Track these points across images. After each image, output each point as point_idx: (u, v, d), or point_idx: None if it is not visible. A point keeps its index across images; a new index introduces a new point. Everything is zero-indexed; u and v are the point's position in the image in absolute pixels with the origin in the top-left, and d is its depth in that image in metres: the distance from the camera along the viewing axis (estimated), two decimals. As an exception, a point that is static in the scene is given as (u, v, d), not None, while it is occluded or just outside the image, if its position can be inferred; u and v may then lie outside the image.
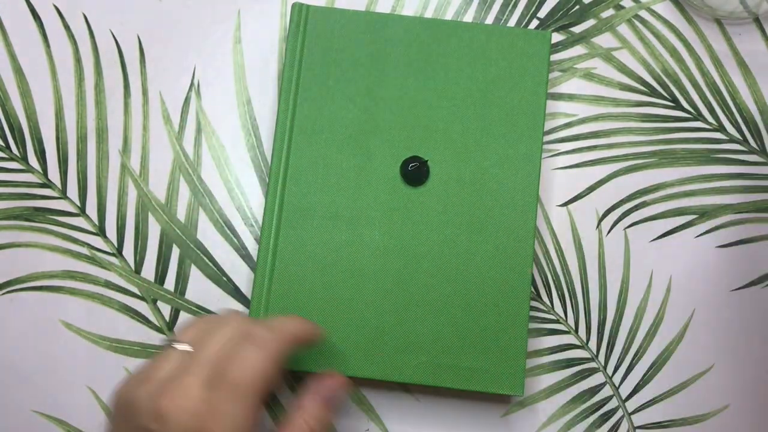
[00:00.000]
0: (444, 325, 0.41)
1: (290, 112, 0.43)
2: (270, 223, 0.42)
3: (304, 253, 0.41)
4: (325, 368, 0.40)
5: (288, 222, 0.42)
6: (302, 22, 0.44)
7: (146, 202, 0.45)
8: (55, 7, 0.47)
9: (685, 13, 0.48)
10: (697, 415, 0.43)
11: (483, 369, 0.40)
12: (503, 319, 0.41)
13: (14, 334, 0.43)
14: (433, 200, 0.42)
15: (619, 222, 0.45)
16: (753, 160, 0.46)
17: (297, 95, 0.43)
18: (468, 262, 0.41)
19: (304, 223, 0.42)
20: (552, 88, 0.46)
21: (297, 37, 0.44)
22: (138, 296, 0.44)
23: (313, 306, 0.41)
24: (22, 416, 0.42)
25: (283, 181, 0.42)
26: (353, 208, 0.42)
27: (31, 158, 0.45)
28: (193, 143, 0.46)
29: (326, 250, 0.42)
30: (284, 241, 0.42)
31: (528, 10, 0.47)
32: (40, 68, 0.46)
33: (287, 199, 0.42)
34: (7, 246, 0.44)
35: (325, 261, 0.41)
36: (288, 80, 0.43)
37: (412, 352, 0.40)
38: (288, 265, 0.41)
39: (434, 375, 0.40)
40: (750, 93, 0.46)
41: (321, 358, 0.40)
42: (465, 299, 0.41)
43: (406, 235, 0.42)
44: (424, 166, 0.42)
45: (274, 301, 0.41)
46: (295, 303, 0.41)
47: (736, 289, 0.44)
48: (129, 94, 0.46)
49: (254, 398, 0.31)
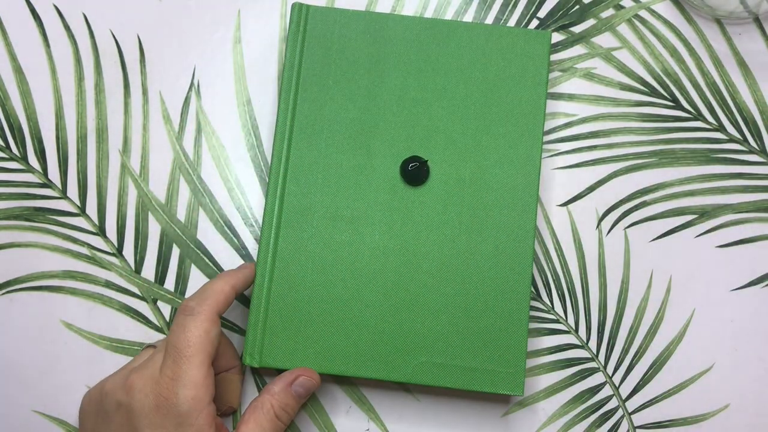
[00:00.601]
0: (444, 325, 0.41)
1: (290, 113, 0.43)
2: (270, 223, 0.42)
3: (304, 253, 0.41)
4: (325, 368, 0.40)
5: (288, 222, 0.42)
6: (302, 22, 0.44)
7: (146, 202, 0.45)
8: (55, 7, 0.47)
9: (685, 13, 0.48)
10: (697, 415, 0.43)
11: (483, 369, 0.40)
12: (503, 319, 0.41)
13: (14, 334, 0.43)
14: (433, 200, 0.42)
15: (619, 222, 0.45)
16: (753, 160, 0.46)
17: (297, 95, 0.43)
18: (468, 262, 0.41)
19: (304, 223, 0.42)
20: (552, 88, 0.46)
21: (297, 37, 0.44)
22: (138, 296, 0.44)
23: (313, 306, 0.41)
24: (22, 416, 0.42)
25: (283, 181, 0.42)
26: (353, 208, 0.42)
27: (31, 158, 0.45)
28: (193, 143, 0.46)
29: (326, 250, 0.42)
30: (284, 241, 0.42)
31: (528, 10, 0.47)
32: (40, 68, 0.46)
33: (287, 199, 0.42)
34: (7, 246, 0.44)
35: (325, 261, 0.41)
36: (288, 80, 0.43)
37: (412, 352, 0.40)
38: (288, 265, 0.41)
39: (434, 375, 0.40)
40: (750, 93, 0.46)
41: (321, 358, 0.40)
42: (465, 299, 0.41)
43: (406, 235, 0.42)
44: (424, 166, 0.42)
45: (274, 301, 0.41)
46: (295, 303, 0.41)
47: (736, 289, 0.44)
48: (129, 94, 0.46)
49: (198, 356, 0.36)
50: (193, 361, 0.36)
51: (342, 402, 0.43)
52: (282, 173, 0.42)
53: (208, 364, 0.36)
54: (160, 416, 0.35)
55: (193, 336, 0.36)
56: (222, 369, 0.41)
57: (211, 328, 0.37)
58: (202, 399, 0.35)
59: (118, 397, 0.36)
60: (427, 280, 0.41)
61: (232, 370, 0.41)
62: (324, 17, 0.44)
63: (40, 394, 0.43)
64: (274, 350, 0.40)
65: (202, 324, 0.36)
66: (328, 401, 0.43)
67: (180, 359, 0.36)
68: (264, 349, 0.40)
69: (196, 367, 0.36)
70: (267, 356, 0.40)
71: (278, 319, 0.41)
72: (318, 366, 0.40)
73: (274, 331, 0.41)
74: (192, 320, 0.37)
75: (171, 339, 0.37)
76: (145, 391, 0.35)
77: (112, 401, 0.36)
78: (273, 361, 0.40)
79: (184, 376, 0.35)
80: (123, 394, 0.36)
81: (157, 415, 0.35)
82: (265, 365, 0.40)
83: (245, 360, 0.40)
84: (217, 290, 0.38)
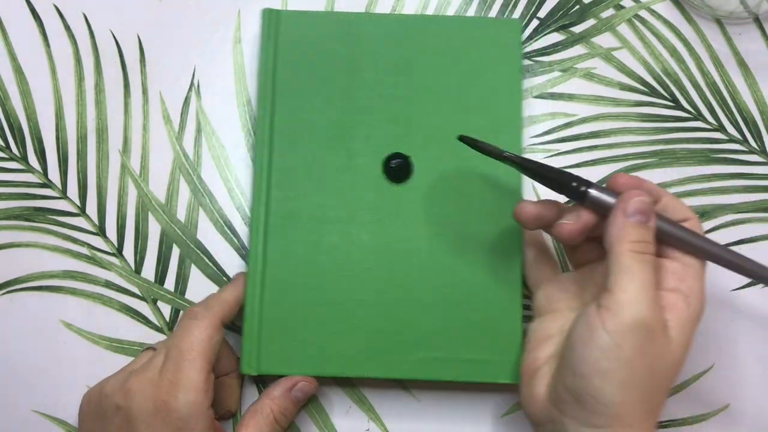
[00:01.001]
0: (438, 319, 0.41)
1: (268, 119, 0.43)
2: (257, 230, 0.41)
3: (294, 258, 0.41)
4: (323, 371, 0.40)
5: (275, 228, 0.42)
6: (274, 28, 0.44)
7: (146, 202, 0.45)
8: (55, 7, 0.47)
9: (685, 13, 0.47)
10: (697, 415, 0.43)
11: (480, 360, 0.40)
12: (497, 309, 0.41)
13: (14, 334, 0.43)
14: (419, 196, 0.42)
15: (619, 222, 0.45)
16: (753, 160, 0.46)
17: (274, 101, 0.43)
18: (458, 255, 0.41)
19: (291, 228, 0.42)
20: (552, 88, 0.46)
21: (269, 43, 0.44)
22: (138, 296, 0.44)
23: (306, 310, 0.41)
24: (22, 416, 0.42)
25: (267, 188, 0.42)
26: (339, 209, 0.42)
27: (31, 158, 0.45)
28: (193, 143, 0.46)
29: (316, 253, 0.41)
30: (273, 247, 0.41)
31: (528, 10, 0.47)
32: (40, 68, 0.46)
33: (273, 205, 0.42)
34: (7, 246, 0.44)
35: (316, 264, 0.41)
36: (263, 87, 0.43)
37: (408, 349, 0.40)
38: (279, 271, 0.41)
39: (432, 369, 0.40)
40: (750, 93, 0.46)
41: (318, 361, 0.40)
42: (457, 292, 0.41)
43: (395, 232, 0.42)
44: (406, 162, 0.42)
45: (267, 308, 0.41)
46: (288, 308, 0.41)
47: (736, 289, 0.44)
48: (129, 94, 0.46)
49: (200, 360, 0.36)
50: (195, 364, 0.36)
51: (342, 402, 0.43)
52: (265, 179, 0.42)
53: (208, 370, 0.36)
54: (159, 420, 0.35)
55: (197, 339, 0.37)
56: (221, 373, 0.40)
57: (214, 334, 0.37)
58: (202, 403, 0.35)
59: (116, 400, 0.36)
60: (419, 276, 0.41)
61: (230, 374, 0.41)
62: (296, 21, 0.44)
63: (40, 394, 0.43)
64: (271, 357, 0.40)
65: (206, 329, 0.37)
66: (328, 401, 0.43)
67: (182, 362, 0.36)
68: (261, 356, 0.40)
69: (198, 371, 0.36)
70: (264, 364, 0.40)
71: (273, 325, 0.41)
72: (316, 369, 0.40)
73: (270, 338, 0.40)
74: (197, 324, 0.37)
75: (174, 341, 0.37)
76: (144, 395, 0.35)
77: (111, 404, 0.36)
78: (271, 368, 0.40)
79: (185, 380, 0.35)
80: (122, 398, 0.36)
81: (156, 419, 0.35)
82: (263, 373, 0.40)
83: (243, 369, 0.40)
84: (222, 299, 0.39)
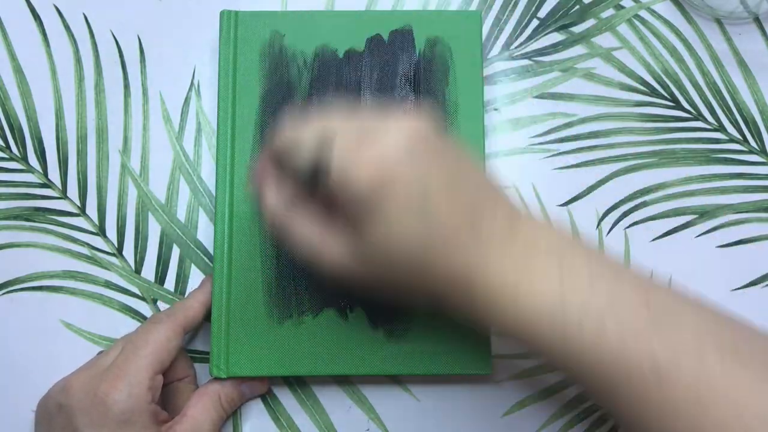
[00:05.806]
0: (409, 315, 0.41)
1: (230, 121, 0.43)
2: (222, 232, 0.41)
3: (259, 260, 0.41)
4: (292, 370, 0.40)
5: (240, 229, 0.42)
6: (232, 29, 0.44)
7: (146, 202, 0.45)
8: (55, 7, 0.47)
9: (685, 13, 0.48)
10: (697, 415, 0.43)
11: (451, 352, 0.40)
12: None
13: (14, 334, 0.43)
14: None
15: (619, 222, 0.45)
16: (753, 160, 0.46)
17: (235, 103, 0.43)
18: None
19: (255, 229, 0.42)
20: (552, 88, 0.46)
21: (229, 45, 0.43)
22: (138, 296, 0.44)
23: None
24: (22, 416, 0.42)
25: (231, 190, 0.42)
26: None
27: (31, 158, 0.45)
28: (193, 143, 0.46)
29: (279, 254, 0.41)
30: (238, 249, 0.41)
31: (528, 10, 0.47)
32: (40, 68, 0.46)
33: (236, 206, 0.42)
34: (7, 246, 0.44)
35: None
36: (224, 89, 0.43)
37: (378, 344, 0.41)
38: (244, 274, 0.41)
39: (403, 364, 0.40)
40: (750, 93, 0.46)
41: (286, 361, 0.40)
42: None
43: None
44: None
45: (233, 311, 0.41)
46: (254, 310, 0.41)
47: (736, 289, 0.44)
48: (129, 94, 0.46)
49: (151, 358, 0.37)
50: (145, 360, 0.37)
51: (342, 402, 0.43)
52: (228, 181, 0.42)
53: (158, 370, 0.37)
54: (99, 414, 0.35)
55: (153, 339, 0.37)
56: (175, 377, 0.40)
57: (172, 338, 0.38)
58: (143, 398, 0.36)
59: (58, 399, 0.37)
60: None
61: (185, 379, 0.41)
62: (254, 21, 0.44)
63: (40, 394, 0.42)
64: (239, 359, 0.40)
65: (165, 331, 0.38)
66: (328, 401, 0.43)
67: (133, 357, 0.37)
68: (229, 358, 0.40)
69: (145, 368, 0.36)
70: (233, 366, 0.40)
71: (240, 328, 0.41)
72: (285, 369, 0.40)
73: (237, 340, 0.40)
74: (157, 327, 0.38)
75: (132, 336, 0.38)
76: (84, 390, 0.36)
77: (54, 404, 0.37)
78: (239, 369, 0.40)
79: (132, 372, 0.36)
80: (63, 396, 0.37)
81: (96, 411, 0.35)
82: (232, 375, 0.40)
83: (212, 371, 0.40)
84: (187, 306, 0.40)
